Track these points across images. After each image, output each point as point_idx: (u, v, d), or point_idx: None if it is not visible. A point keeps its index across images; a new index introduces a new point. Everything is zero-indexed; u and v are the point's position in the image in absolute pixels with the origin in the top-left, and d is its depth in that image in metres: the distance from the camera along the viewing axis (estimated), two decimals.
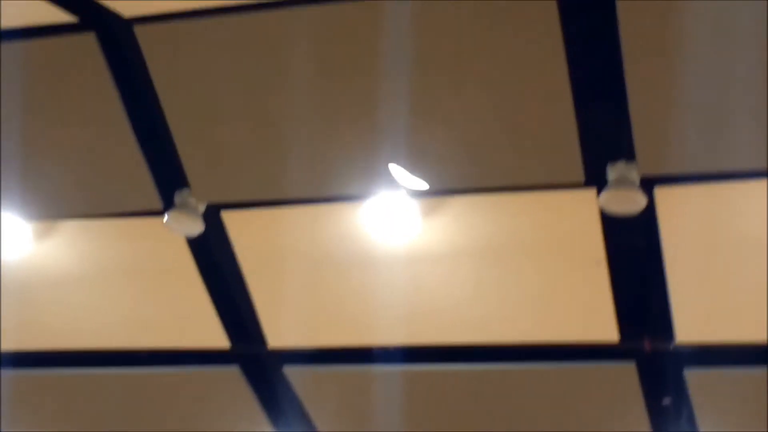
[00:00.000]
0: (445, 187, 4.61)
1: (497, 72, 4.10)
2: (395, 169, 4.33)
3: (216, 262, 5.28)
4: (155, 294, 5.48)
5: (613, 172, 4.18)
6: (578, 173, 4.24)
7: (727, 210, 4.43)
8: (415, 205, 4.74)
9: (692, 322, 4.84)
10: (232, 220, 5.09)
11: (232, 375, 5.71)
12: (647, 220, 4.38)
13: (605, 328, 4.95)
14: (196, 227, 4.85)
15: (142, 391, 5.97)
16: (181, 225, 4.86)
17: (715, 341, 4.92)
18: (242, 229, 5.13)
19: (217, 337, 5.54)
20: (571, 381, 5.35)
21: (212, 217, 4.98)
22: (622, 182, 4.17)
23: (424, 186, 4.42)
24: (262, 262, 5.26)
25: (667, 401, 5.33)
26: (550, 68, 4.02)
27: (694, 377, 5.06)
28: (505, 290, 4.86)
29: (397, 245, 4.91)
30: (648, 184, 4.26)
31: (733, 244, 4.50)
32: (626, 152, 4.15)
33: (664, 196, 4.34)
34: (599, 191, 4.26)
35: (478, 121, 4.29)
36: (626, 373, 5.13)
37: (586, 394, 5.32)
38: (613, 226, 4.48)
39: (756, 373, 4.88)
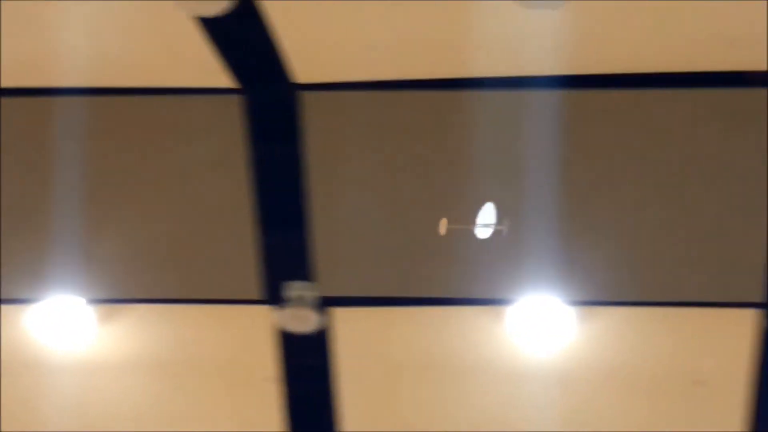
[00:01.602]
0: (122, 295, 4.47)
1: (172, 185, 4.15)
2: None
3: None
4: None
5: (290, 291, 4.26)
6: (255, 290, 4.29)
7: (401, 332, 4.63)
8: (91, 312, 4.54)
9: None
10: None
11: None
12: (322, 338, 4.48)
13: None
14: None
15: None
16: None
17: None
18: None
19: None
20: None
21: None
22: (299, 301, 4.25)
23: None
24: None
25: None
26: (234, 191, 4.13)
27: None
28: (170, 406, 4.73)
29: (65, 352, 4.66)
30: (325, 305, 4.38)
31: (406, 365, 4.71)
32: (304, 273, 4.26)
33: (340, 316, 4.48)
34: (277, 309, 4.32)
35: (162, 234, 4.28)
36: None
37: None
38: (288, 344, 4.54)
39: None
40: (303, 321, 4.29)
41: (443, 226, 3.79)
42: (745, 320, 4.36)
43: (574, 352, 4.54)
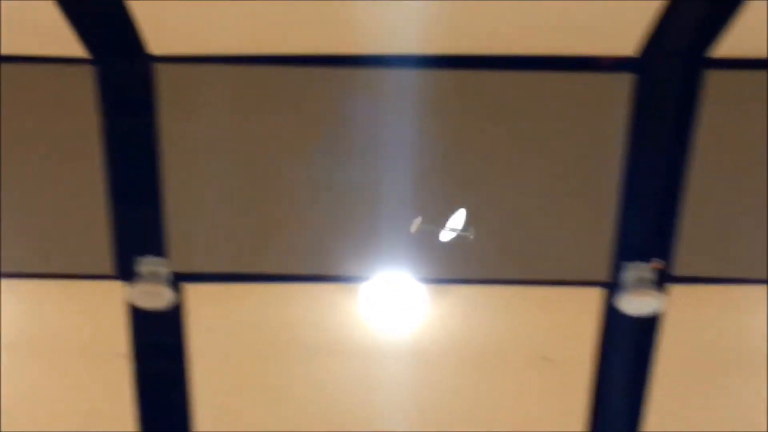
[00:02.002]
0: None
1: (23, 156, 4.11)
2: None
3: None
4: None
5: (143, 266, 4.23)
6: (107, 265, 4.26)
7: (254, 309, 4.67)
8: None
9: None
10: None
11: None
12: (174, 315, 4.47)
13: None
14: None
15: None
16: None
17: None
18: None
19: None
20: None
21: None
22: (152, 277, 4.23)
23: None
24: None
25: None
26: (86, 163, 4.10)
27: None
28: (20, 382, 4.67)
29: None
30: (178, 281, 4.37)
31: (259, 342, 4.76)
32: (157, 248, 4.24)
33: (193, 292, 4.48)
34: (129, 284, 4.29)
35: (14, 207, 4.25)
36: None
37: None
38: (141, 320, 4.52)
39: None
40: (155, 297, 4.26)
41: (415, 225, 3.90)
42: (591, 299, 4.58)
43: (425, 329, 4.67)
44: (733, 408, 5.05)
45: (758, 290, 4.56)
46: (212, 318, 4.56)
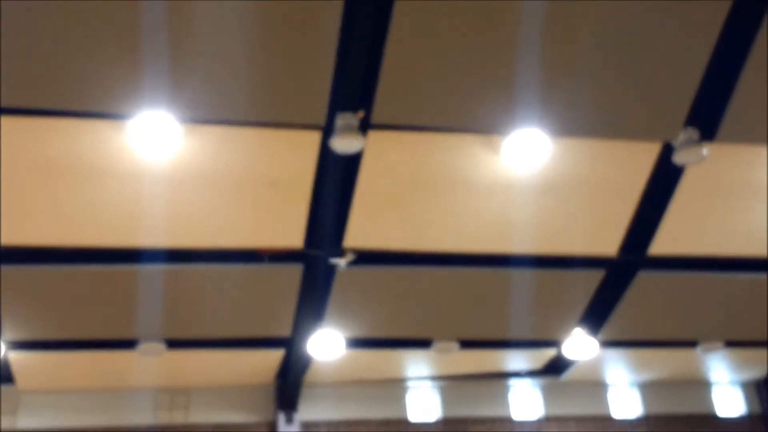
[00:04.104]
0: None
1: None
2: None
3: None
4: None
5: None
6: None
7: (34, 141, 5.47)
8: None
9: None
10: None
11: None
12: None
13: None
14: None
15: None
16: None
17: None
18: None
19: None
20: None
21: None
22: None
23: None
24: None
25: None
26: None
27: None
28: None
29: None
30: None
31: (44, 170, 5.60)
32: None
33: None
34: None
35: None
36: None
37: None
38: None
39: None
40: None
41: None
42: (311, 139, 5.72)
43: (181, 159, 5.69)
44: (418, 226, 6.52)
45: (448, 138, 5.78)
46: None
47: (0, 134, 5.32)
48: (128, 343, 7.60)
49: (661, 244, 6.92)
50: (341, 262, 6.73)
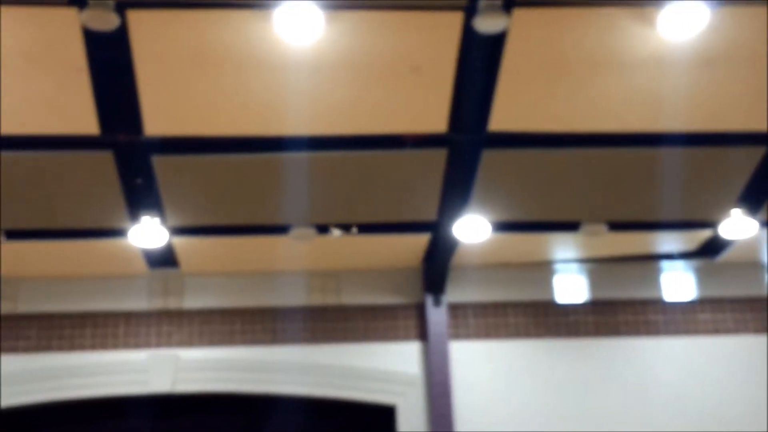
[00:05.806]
0: None
1: None
2: None
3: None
4: None
5: None
6: None
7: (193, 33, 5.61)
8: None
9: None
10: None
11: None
12: (121, 37, 5.43)
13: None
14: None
15: None
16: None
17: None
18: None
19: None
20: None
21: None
22: (100, 4, 5.14)
23: None
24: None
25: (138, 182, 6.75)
26: None
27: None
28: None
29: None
30: (123, 7, 5.29)
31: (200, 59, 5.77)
32: None
33: (136, 18, 5.40)
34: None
35: None
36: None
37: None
38: (92, 41, 5.48)
39: None
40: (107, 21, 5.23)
41: None
42: (453, 20, 5.65)
43: (323, 47, 5.68)
44: (566, 107, 6.35)
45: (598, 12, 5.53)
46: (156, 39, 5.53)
47: (151, 27, 5.46)
48: (280, 228, 7.83)
49: None
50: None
